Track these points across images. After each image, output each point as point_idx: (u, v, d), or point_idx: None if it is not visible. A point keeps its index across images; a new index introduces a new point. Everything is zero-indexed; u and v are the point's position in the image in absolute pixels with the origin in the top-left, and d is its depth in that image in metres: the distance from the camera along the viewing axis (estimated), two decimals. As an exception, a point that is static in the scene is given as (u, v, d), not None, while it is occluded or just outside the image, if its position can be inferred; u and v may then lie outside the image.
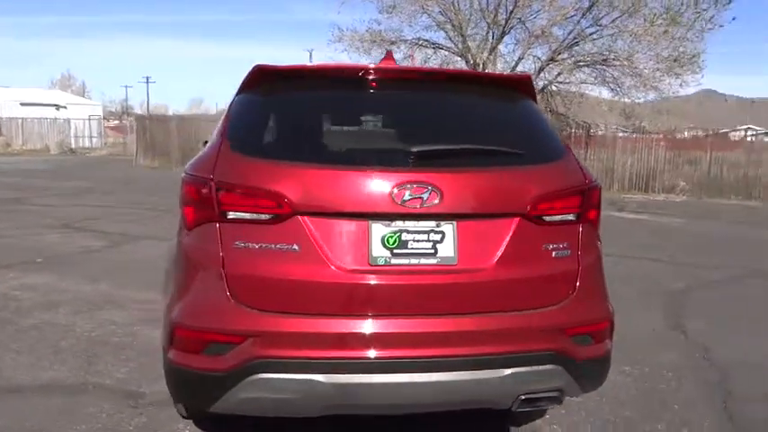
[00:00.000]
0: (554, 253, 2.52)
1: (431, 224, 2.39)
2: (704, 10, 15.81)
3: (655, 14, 16.11)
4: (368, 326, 2.33)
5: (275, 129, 2.63)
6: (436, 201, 2.35)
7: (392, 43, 18.67)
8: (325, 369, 2.29)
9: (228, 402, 2.37)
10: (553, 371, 2.47)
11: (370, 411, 2.65)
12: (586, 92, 18.90)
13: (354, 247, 2.36)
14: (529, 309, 2.47)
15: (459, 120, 2.74)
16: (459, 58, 18.02)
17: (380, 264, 2.36)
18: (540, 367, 2.44)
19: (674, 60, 15.98)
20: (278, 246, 2.34)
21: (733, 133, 40.24)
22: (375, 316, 2.34)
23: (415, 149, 2.40)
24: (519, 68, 18.42)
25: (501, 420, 3.21)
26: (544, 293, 2.50)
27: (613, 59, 17.38)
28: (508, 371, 2.40)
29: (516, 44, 18.57)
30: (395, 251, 2.37)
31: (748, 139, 30.85)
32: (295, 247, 2.34)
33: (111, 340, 4.29)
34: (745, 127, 47.95)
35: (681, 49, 16.85)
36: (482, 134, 2.68)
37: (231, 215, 2.38)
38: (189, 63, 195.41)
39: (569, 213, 2.55)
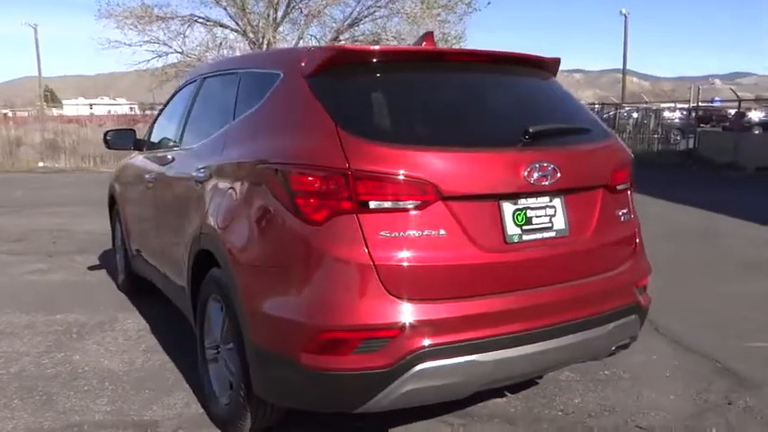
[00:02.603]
0: (622, 218, 2.84)
1: (545, 200, 2.54)
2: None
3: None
4: (511, 301, 2.41)
5: (392, 113, 2.52)
6: (556, 177, 2.50)
7: (164, 19, 17.51)
8: (482, 348, 2.33)
9: (387, 399, 2.27)
10: (634, 321, 2.81)
11: (511, 382, 2.73)
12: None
13: (491, 227, 2.41)
14: (616, 268, 2.76)
15: (537, 99, 2.89)
16: (242, 37, 17.54)
17: (515, 241, 2.45)
18: (628, 319, 2.76)
19: (445, 42, 17.50)
20: (425, 232, 2.29)
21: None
22: (516, 291, 2.43)
23: (531, 129, 2.50)
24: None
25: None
26: (622, 253, 2.81)
27: (386, 39, 18.39)
28: (611, 325, 2.67)
29: (294, 24, 18.67)
30: (523, 228, 2.47)
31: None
32: (442, 232, 2.31)
33: None
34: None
35: (443, 30, 18.47)
36: (559, 113, 2.87)
37: (373, 205, 2.25)
38: None
39: (627, 182, 2.89)
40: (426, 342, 2.25)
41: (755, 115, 27.81)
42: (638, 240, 2.91)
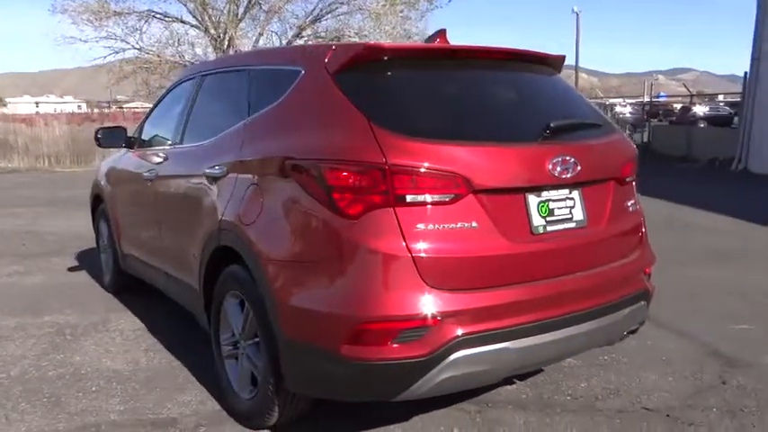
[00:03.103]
0: (630, 208, 2.97)
1: (565, 192, 2.64)
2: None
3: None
4: (538, 290, 2.50)
5: (422, 108, 2.57)
6: (576, 170, 2.60)
7: (121, 14, 17.12)
8: (513, 336, 2.42)
9: (424, 387, 2.34)
10: (643, 306, 2.95)
11: (536, 368, 2.82)
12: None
13: (518, 219, 2.50)
14: (627, 256, 2.89)
15: (549, 95, 2.98)
16: (203, 33, 17.28)
17: (540, 232, 2.54)
18: (639, 304, 2.89)
19: (408, 38, 17.61)
20: (459, 224, 2.36)
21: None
22: (541, 280, 2.52)
23: (552, 124, 2.60)
24: (261, 44, 18.40)
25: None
26: (631, 242, 2.94)
27: (348, 36, 18.39)
28: (626, 311, 2.80)
29: (254, 21, 18.50)
30: (547, 219, 2.57)
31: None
32: (474, 224, 2.39)
33: None
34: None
35: (405, 27, 18.59)
36: (571, 108, 2.97)
37: (409, 198, 2.31)
38: None
39: (633, 174, 3.02)
40: (462, 331, 2.32)
41: (700, 110, 28.92)
42: (643, 230, 3.05)
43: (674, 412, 3.09)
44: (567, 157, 2.57)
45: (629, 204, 2.95)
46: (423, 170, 2.32)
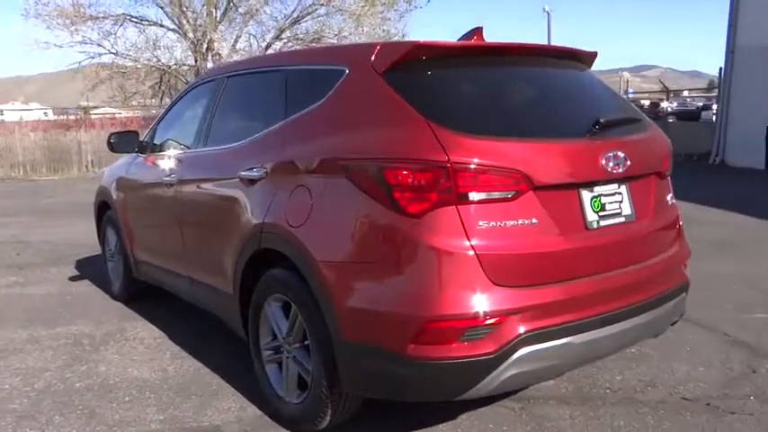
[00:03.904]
0: (669, 201, 3.01)
1: (614, 187, 2.67)
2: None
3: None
4: (595, 284, 2.52)
5: (476, 106, 2.58)
6: (626, 165, 2.63)
7: (96, 19, 16.84)
8: (575, 330, 2.43)
9: (490, 385, 2.34)
10: (684, 298, 2.99)
11: (595, 361, 2.84)
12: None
13: (574, 214, 2.52)
14: (670, 249, 2.93)
15: (589, 90, 3.00)
16: (182, 38, 17.08)
17: (594, 227, 2.56)
18: (681, 296, 2.94)
19: (389, 39, 17.63)
20: (520, 221, 2.37)
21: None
22: (598, 274, 2.54)
23: (602, 120, 2.62)
24: (239, 47, 18.27)
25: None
26: (672, 234, 2.99)
27: (328, 38, 18.34)
28: (672, 303, 2.84)
29: (230, 23, 18.34)
30: (600, 214, 2.59)
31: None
32: (534, 220, 2.40)
33: None
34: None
35: (384, 28, 18.61)
36: (611, 103, 3.01)
37: (472, 196, 2.31)
38: None
39: (670, 168, 3.06)
40: (527, 327, 2.33)
41: (668, 105, 29.46)
42: (680, 223, 3.09)
43: (713, 401, 3.14)
44: (619, 153, 2.60)
45: (668, 198, 2.99)
46: (485, 168, 2.32)
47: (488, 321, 2.29)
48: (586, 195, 2.56)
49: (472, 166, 2.31)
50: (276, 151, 2.94)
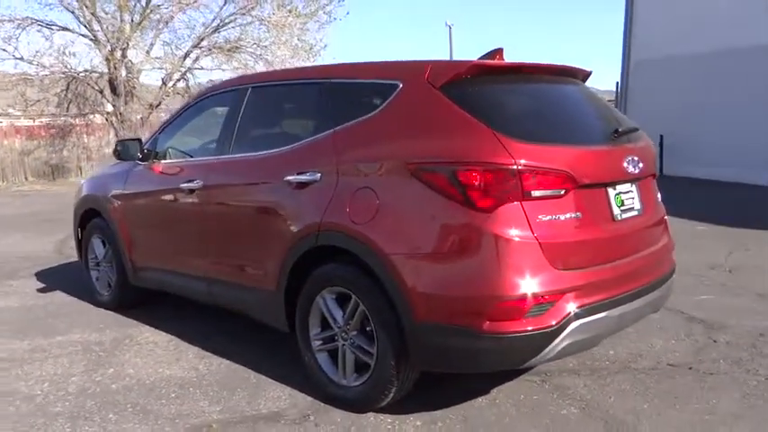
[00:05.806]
0: (659, 198, 3.59)
1: (628, 186, 3.19)
2: (325, 5, 18.08)
3: (281, 6, 17.55)
4: (623, 267, 3.03)
5: (525, 116, 3.03)
6: (640, 167, 3.16)
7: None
8: (613, 305, 2.92)
9: (549, 354, 2.76)
10: (673, 279, 3.57)
11: (617, 332, 3.31)
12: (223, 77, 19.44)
13: (604, 208, 3.01)
14: (664, 238, 3.50)
15: (596, 103, 3.51)
16: (94, 44, 16.48)
17: (619, 219, 3.07)
18: (672, 278, 3.51)
19: (309, 49, 17.90)
20: (568, 215, 2.83)
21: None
22: (624, 258, 3.06)
23: (620, 129, 3.15)
24: (153, 54, 17.88)
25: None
26: (663, 226, 3.55)
27: (245, 46, 18.30)
28: (668, 283, 3.40)
29: (142, 32, 17.89)
30: (621, 208, 3.10)
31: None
32: (578, 214, 2.86)
33: None
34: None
35: (303, 38, 18.78)
36: (615, 114, 3.53)
37: (535, 194, 2.74)
38: None
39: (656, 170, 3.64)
40: (578, 304, 2.79)
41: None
42: (667, 217, 3.68)
43: (693, 365, 3.73)
44: (635, 157, 3.13)
45: (658, 195, 3.57)
46: (543, 169, 2.76)
47: (550, 299, 2.72)
48: (612, 193, 3.06)
49: (534, 168, 2.74)
50: (330, 156, 3.23)
